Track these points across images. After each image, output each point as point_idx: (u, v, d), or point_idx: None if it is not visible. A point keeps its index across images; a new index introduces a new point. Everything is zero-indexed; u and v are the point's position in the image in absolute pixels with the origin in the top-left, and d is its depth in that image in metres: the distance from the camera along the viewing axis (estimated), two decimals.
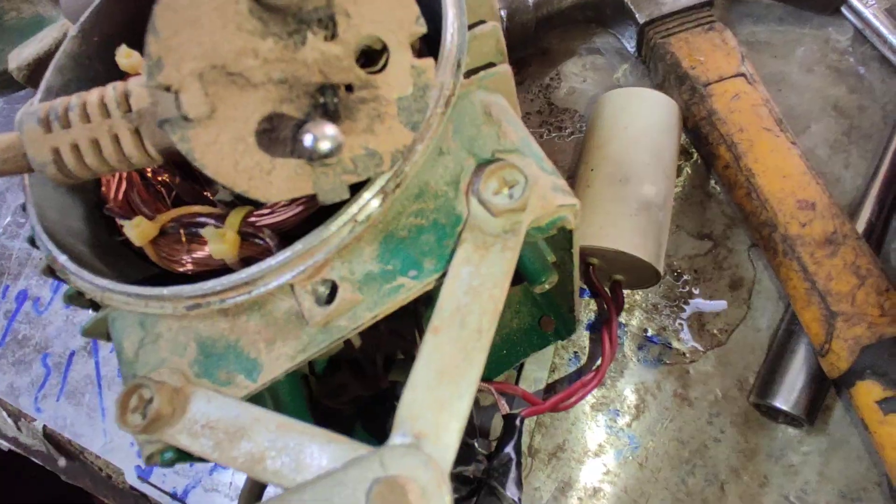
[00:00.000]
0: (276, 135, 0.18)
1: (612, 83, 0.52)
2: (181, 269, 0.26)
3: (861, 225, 0.40)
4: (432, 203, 0.22)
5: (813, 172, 0.39)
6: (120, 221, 0.25)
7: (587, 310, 0.45)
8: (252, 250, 0.24)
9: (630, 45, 0.50)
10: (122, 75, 0.29)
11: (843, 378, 0.34)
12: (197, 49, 0.17)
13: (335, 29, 0.17)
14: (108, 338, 0.25)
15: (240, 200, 0.27)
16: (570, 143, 0.51)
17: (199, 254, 0.25)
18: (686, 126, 0.45)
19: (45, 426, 0.51)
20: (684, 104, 0.44)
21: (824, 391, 0.38)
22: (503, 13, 0.48)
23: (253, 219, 0.24)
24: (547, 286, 0.31)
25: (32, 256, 0.59)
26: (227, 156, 0.18)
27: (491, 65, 0.24)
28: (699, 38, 0.45)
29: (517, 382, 0.42)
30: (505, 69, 0.23)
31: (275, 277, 0.21)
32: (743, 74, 0.43)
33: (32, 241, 0.26)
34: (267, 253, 0.24)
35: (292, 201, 0.23)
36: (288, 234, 0.24)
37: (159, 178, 0.28)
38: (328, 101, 0.18)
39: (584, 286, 0.43)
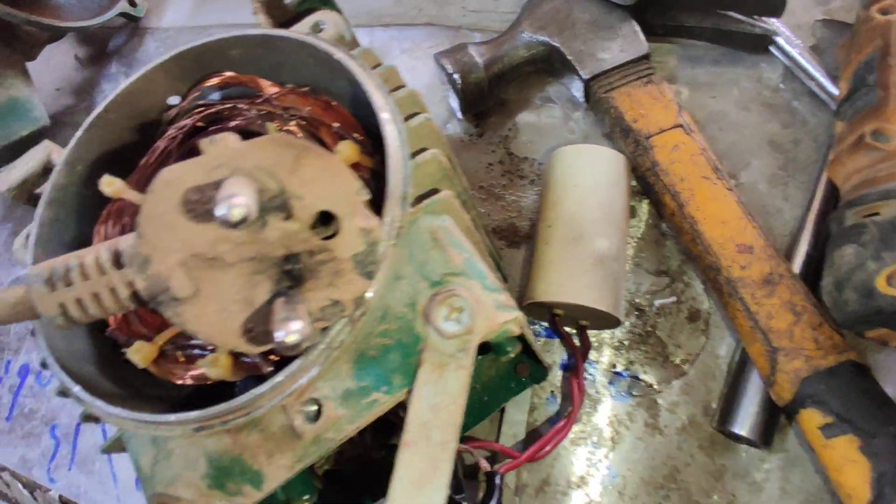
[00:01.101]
0: (255, 303, 0.21)
1: (566, 131, 0.55)
2: (182, 383, 0.29)
3: (800, 257, 0.44)
4: (395, 324, 0.25)
5: (749, 217, 0.42)
6: (122, 349, 0.28)
7: (561, 352, 0.49)
8: (245, 368, 0.28)
9: (580, 96, 0.53)
10: (107, 201, 0.32)
11: (789, 406, 0.38)
12: (177, 244, 0.20)
13: (291, 210, 0.21)
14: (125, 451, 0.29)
15: None
16: (531, 190, 0.54)
17: (196, 371, 0.29)
18: (636, 172, 0.48)
19: (60, 496, 0.54)
20: (630, 154, 0.47)
21: (778, 415, 0.41)
22: (456, 76, 0.52)
23: None
24: (513, 355, 0.34)
25: (31, 329, 0.62)
26: (215, 323, 0.21)
27: (435, 191, 0.27)
28: (639, 91, 0.48)
29: (500, 425, 0.46)
30: (446, 195, 0.27)
31: (267, 401, 0.25)
32: (681, 125, 0.46)
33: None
34: (257, 369, 0.27)
35: None
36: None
37: None
38: (293, 268, 0.21)
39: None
